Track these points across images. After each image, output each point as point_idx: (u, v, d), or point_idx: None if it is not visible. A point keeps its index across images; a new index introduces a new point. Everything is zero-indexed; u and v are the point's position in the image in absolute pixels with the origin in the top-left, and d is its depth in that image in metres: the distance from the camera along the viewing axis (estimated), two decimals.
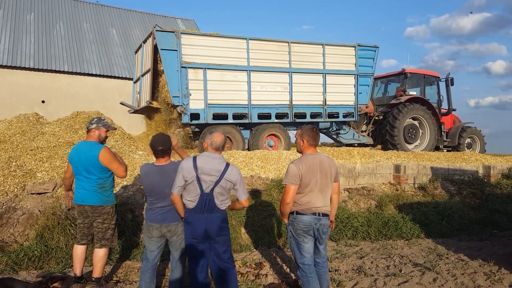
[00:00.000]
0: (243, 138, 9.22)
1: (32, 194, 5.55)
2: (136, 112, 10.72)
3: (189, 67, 8.40)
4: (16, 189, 5.55)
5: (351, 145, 11.72)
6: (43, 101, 15.27)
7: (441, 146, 12.28)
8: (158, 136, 3.56)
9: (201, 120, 8.63)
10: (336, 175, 3.56)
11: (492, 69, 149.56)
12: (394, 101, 11.41)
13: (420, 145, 11.64)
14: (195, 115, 8.59)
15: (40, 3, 17.68)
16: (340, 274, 4.52)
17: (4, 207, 5.20)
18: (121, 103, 10.96)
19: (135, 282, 4.14)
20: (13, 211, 5.15)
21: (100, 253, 3.85)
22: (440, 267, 4.72)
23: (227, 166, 3.26)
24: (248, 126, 9.52)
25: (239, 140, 9.11)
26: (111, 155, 3.81)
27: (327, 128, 11.22)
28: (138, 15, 20.79)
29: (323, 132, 11.34)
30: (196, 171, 3.17)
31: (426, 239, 6.40)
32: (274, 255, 5.19)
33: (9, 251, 4.61)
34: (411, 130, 11.41)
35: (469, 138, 12.91)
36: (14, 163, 6.08)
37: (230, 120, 8.95)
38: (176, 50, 8.28)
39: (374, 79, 11.41)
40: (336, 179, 3.56)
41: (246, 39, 9.05)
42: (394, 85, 12.61)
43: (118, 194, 5.70)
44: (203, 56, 8.59)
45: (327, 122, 10.70)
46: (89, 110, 9.34)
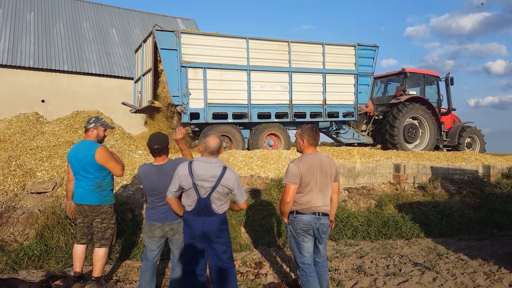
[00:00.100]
0: (243, 138, 9.22)
1: (32, 193, 5.55)
2: (138, 111, 10.72)
3: (189, 67, 8.39)
4: (16, 189, 5.55)
5: (351, 144, 11.73)
6: (43, 101, 15.25)
7: (441, 146, 12.28)
8: (155, 135, 3.56)
9: (201, 120, 8.63)
10: (336, 174, 3.56)
11: (492, 69, 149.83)
12: (394, 101, 11.40)
13: (420, 144, 11.64)
14: (195, 115, 8.58)
15: (40, 2, 17.65)
16: (340, 274, 4.52)
17: (4, 206, 5.20)
18: (123, 103, 10.96)
19: (135, 281, 4.14)
20: (13, 211, 5.16)
21: (100, 252, 3.86)
22: (440, 266, 4.72)
23: (224, 170, 3.20)
24: (248, 126, 9.52)
25: (238, 139, 9.12)
26: (108, 153, 3.81)
27: (327, 128, 11.22)
28: (138, 14, 20.77)
29: (323, 132, 11.33)
30: (192, 178, 3.15)
31: (426, 239, 6.41)
32: (274, 254, 5.19)
33: (9, 250, 4.61)
34: (411, 129, 11.41)
35: (469, 137, 12.91)
36: (14, 163, 6.07)
37: (230, 120, 8.95)
38: (176, 50, 8.28)
39: (374, 78, 11.40)
40: (336, 178, 3.56)
41: (246, 38, 9.04)
42: (394, 85, 12.61)
43: (118, 193, 5.70)
44: (203, 56, 8.58)
45: (327, 122, 10.70)
46: (89, 109, 9.36)
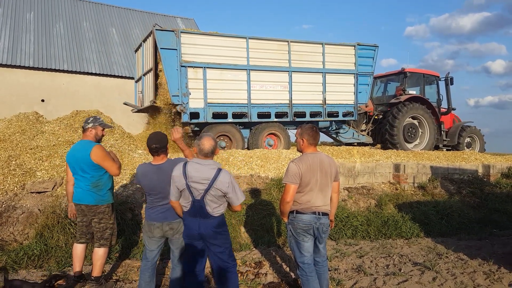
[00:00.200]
0: (242, 137, 9.22)
1: (32, 193, 5.55)
2: (140, 111, 10.72)
3: (188, 66, 8.39)
4: (15, 188, 5.55)
5: (350, 144, 11.73)
6: (42, 100, 15.23)
7: (440, 145, 12.29)
8: (153, 134, 3.55)
9: (201, 119, 8.63)
10: (336, 174, 3.56)
11: (492, 69, 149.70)
12: (394, 100, 11.40)
13: (420, 144, 11.64)
14: (194, 114, 8.58)
15: (40, 2, 17.62)
16: (339, 273, 4.52)
17: (3, 206, 5.20)
18: (125, 103, 10.96)
19: (135, 281, 4.14)
20: (12, 210, 5.16)
21: (100, 252, 3.86)
22: (440, 266, 4.72)
23: (218, 172, 3.13)
24: (247, 125, 9.52)
25: (238, 139, 9.12)
26: (104, 152, 3.80)
27: (327, 127, 11.22)
28: (138, 14, 20.74)
29: (322, 131, 11.33)
30: (186, 179, 3.14)
31: (426, 238, 6.41)
32: (273, 254, 5.19)
33: (9, 250, 4.61)
34: (410, 129, 11.41)
35: (468, 137, 12.92)
36: (13, 162, 6.07)
37: (230, 119, 8.94)
38: (176, 49, 8.27)
39: (373, 78, 11.40)
40: (336, 178, 3.56)
41: (246, 38, 9.04)
42: (393, 84, 12.60)
43: (117, 193, 5.70)
44: (202, 55, 8.58)
45: (326, 121, 10.70)
46: (88, 109, 9.37)
